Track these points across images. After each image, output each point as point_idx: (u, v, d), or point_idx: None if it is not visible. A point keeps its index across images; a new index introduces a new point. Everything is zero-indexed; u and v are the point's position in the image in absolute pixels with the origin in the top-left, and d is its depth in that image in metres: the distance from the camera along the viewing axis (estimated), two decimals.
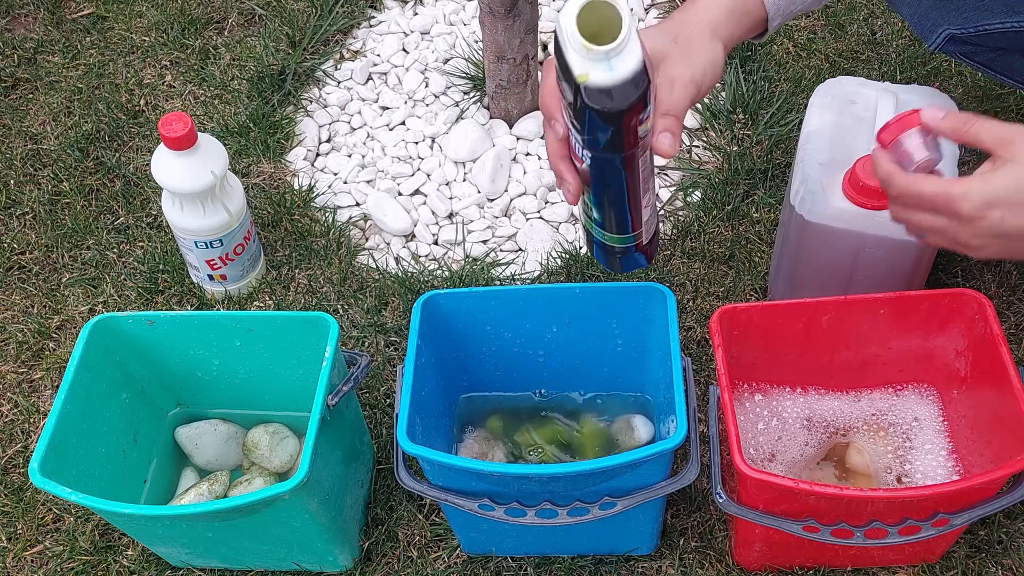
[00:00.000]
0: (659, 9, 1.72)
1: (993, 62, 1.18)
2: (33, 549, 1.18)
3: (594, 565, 1.13)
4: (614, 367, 1.19)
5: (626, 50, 0.75)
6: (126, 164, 1.55)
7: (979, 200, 0.86)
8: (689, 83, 0.89)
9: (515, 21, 1.42)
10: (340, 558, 1.12)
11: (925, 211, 0.90)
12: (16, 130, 1.61)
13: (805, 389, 1.19)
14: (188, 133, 1.22)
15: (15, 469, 1.24)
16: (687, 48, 0.91)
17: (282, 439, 1.18)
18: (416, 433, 1.02)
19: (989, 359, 1.03)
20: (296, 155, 1.56)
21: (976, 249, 0.89)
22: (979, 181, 0.86)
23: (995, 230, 0.86)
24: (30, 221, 1.49)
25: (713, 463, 1.01)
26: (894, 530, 0.98)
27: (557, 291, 1.14)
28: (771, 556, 1.10)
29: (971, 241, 0.88)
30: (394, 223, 1.46)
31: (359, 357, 1.10)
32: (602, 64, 0.75)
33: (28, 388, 1.32)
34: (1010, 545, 1.12)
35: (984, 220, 0.86)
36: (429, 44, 1.69)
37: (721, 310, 1.06)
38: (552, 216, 1.47)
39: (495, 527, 1.05)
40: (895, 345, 1.14)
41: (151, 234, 1.46)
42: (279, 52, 1.67)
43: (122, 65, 1.68)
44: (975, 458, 1.09)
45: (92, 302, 1.39)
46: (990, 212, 0.85)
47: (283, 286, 1.40)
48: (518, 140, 1.55)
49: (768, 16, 0.99)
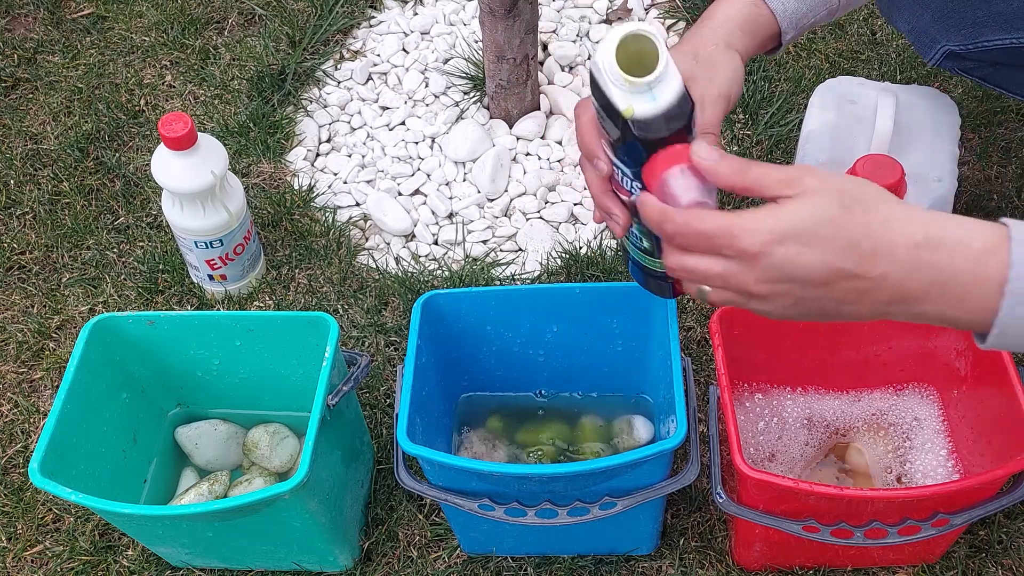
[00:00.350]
0: (659, 9, 1.72)
1: (992, 76, 1.17)
2: (33, 549, 1.18)
3: (594, 565, 1.13)
4: (614, 367, 1.19)
5: (666, 77, 0.77)
6: (126, 164, 1.55)
7: (767, 233, 0.72)
8: (718, 98, 0.90)
9: (515, 21, 1.42)
10: (340, 558, 1.12)
11: (704, 253, 0.75)
12: (16, 130, 1.61)
13: (805, 389, 1.19)
14: (188, 133, 1.22)
15: (15, 469, 1.24)
16: (710, 65, 0.92)
17: (282, 439, 1.18)
18: (416, 433, 1.02)
19: (989, 359, 1.03)
20: (296, 155, 1.56)
21: (764, 299, 0.75)
22: (767, 213, 0.73)
23: (784, 271, 0.73)
24: (30, 221, 1.49)
25: (713, 463, 1.01)
26: (894, 530, 0.98)
27: (557, 291, 1.14)
28: (771, 556, 1.10)
29: (757, 288, 0.74)
30: (394, 223, 1.46)
31: (359, 357, 1.10)
32: (645, 96, 0.76)
33: (28, 388, 1.32)
34: (1010, 545, 1.12)
35: (771, 257, 0.72)
36: (429, 44, 1.69)
37: (721, 310, 1.06)
38: (552, 216, 1.47)
39: (495, 527, 1.05)
40: (895, 345, 1.14)
41: (151, 234, 1.46)
42: (279, 52, 1.67)
43: (122, 65, 1.69)
44: (975, 458, 1.09)
45: (92, 302, 1.39)
46: (778, 248, 0.72)
47: (283, 286, 1.40)
48: (518, 140, 1.55)
49: (781, 30, 0.98)
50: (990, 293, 0.71)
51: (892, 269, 0.72)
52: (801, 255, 0.72)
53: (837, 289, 0.73)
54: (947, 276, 0.72)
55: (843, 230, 0.72)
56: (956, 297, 0.72)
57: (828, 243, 0.72)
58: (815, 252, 0.72)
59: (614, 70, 0.77)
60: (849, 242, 0.72)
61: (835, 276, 0.73)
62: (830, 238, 0.72)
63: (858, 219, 0.73)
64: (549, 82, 1.62)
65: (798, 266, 0.73)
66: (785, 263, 0.73)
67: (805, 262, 0.72)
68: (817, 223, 0.72)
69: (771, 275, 0.74)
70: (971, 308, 0.72)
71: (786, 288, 0.74)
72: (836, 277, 0.73)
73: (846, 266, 0.72)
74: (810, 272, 0.73)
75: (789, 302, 0.75)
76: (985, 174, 1.44)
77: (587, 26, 1.70)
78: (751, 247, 0.73)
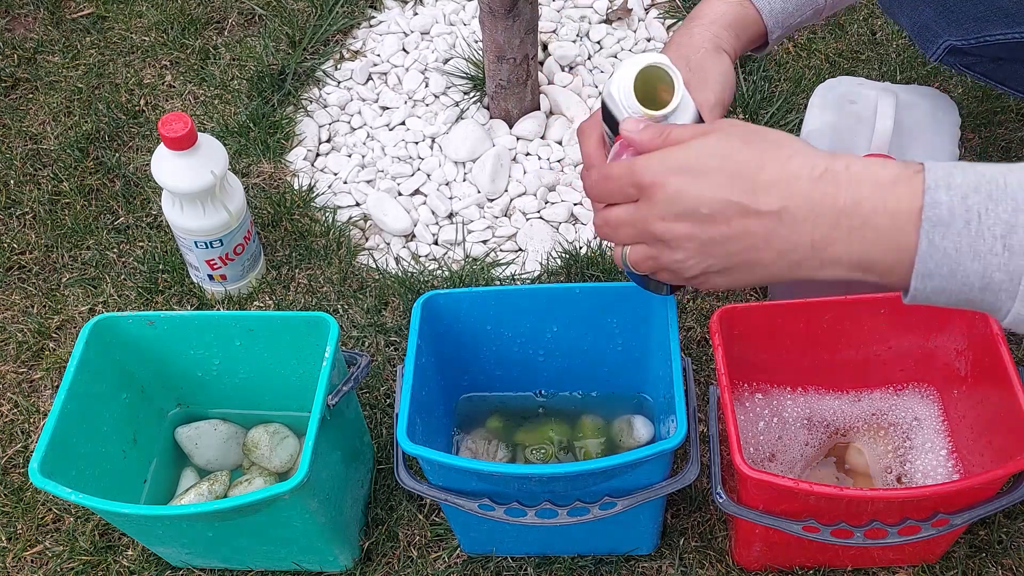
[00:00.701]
0: (659, 9, 1.72)
1: (994, 72, 1.17)
2: (33, 549, 1.18)
3: (594, 565, 1.13)
4: (614, 367, 1.19)
5: (682, 107, 0.77)
6: (126, 164, 1.55)
7: (660, 165, 0.72)
8: (716, 105, 0.91)
9: (515, 21, 1.42)
10: (340, 558, 1.12)
11: (614, 196, 0.76)
12: (16, 130, 1.61)
13: (805, 389, 1.19)
14: (188, 133, 1.22)
15: (15, 469, 1.24)
16: (701, 72, 0.92)
17: (282, 439, 1.18)
18: (416, 433, 1.02)
19: (989, 359, 1.03)
20: (296, 155, 1.56)
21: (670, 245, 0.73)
22: (668, 149, 0.74)
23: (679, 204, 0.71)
24: (30, 221, 1.49)
25: (713, 463, 1.01)
26: (894, 530, 0.98)
27: (557, 291, 1.14)
28: (771, 556, 1.10)
29: (660, 228, 0.73)
30: (394, 223, 1.46)
31: (359, 357, 1.10)
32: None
33: (28, 388, 1.32)
34: (1010, 545, 1.12)
35: (665, 187, 0.72)
36: (429, 44, 1.69)
37: (721, 310, 1.06)
38: (552, 216, 1.47)
39: (495, 527, 1.05)
40: (895, 345, 1.14)
41: (151, 234, 1.46)
42: (279, 52, 1.67)
43: (122, 65, 1.69)
44: (975, 458, 1.09)
45: (92, 302, 1.39)
46: (672, 178, 0.72)
47: (283, 286, 1.40)
48: (518, 140, 1.55)
49: (767, 29, 0.99)
50: (905, 223, 0.65)
51: (791, 203, 0.68)
52: (692, 185, 0.71)
53: (737, 228, 0.70)
54: (853, 208, 0.67)
55: (738, 162, 0.70)
56: (868, 232, 0.67)
57: (720, 173, 0.70)
58: (706, 182, 0.71)
59: (632, 103, 0.79)
60: (743, 173, 0.70)
61: (730, 210, 0.70)
62: (723, 169, 0.70)
63: (757, 153, 0.70)
64: (549, 82, 1.62)
65: (690, 197, 0.71)
66: (678, 194, 0.71)
67: (697, 193, 0.71)
68: (712, 155, 0.71)
69: (668, 210, 0.72)
70: (886, 245, 0.66)
71: (686, 228, 0.72)
72: (732, 212, 0.70)
73: (740, 199, 0.69)
74: (703, 203, 0.70)
75: (694, 247, 0.73)
76: None
77: (587, 26, 1.70)
78: (644, 177, 0.73)
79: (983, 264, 0.64)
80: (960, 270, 0.65)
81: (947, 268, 0.65)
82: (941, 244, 0.64)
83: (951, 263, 0.65)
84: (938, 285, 0.66)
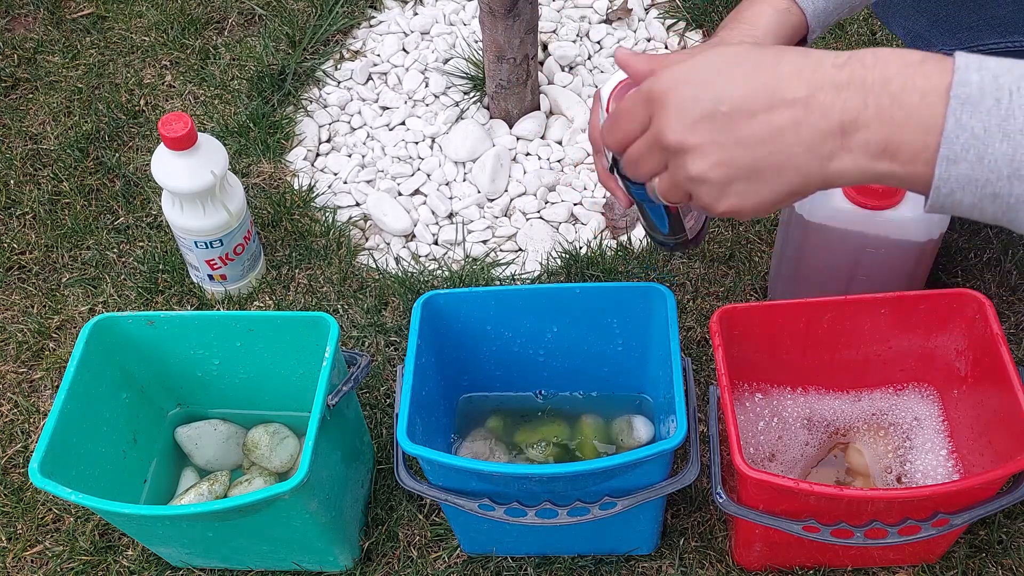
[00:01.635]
0: (659, 9, 1.72)
1: None
2: (33, 549, 1.18)
3: (594, 565, 1.13)
4: (614, 367, 1.19)
5: None
6: (126, 164, 1.55)
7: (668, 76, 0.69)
8: None
9: (515, 21, 1.42)
10: (340, 558, 1.12)
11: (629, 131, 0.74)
12: (16, 130, 1.61)
13: (805, 389, 1.19)
14: (188, 133, 1.22)
15: (15, 469, 1.24)
16: None
17: (282, 439, 1.18)
18: (416, 433, 1.02)
19: (989, 359, 1.03)
20: (296, 155, 1.56)
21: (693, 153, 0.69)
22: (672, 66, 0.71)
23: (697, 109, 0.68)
24: (30, 221, 1.49)
25: (713, 463, 1.01)
26: (894, 530, 0.98)
27: (557, 291, 1.14)
28: (771, 556, 1.10)
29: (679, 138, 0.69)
30: (394, 223, 1.46)
31: (359, 357, 1.10)
32: None
33: (28, 388, 1.32)
34: (1010, 545, 1.12)
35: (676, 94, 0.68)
36: (429, 44, 1.69)
37: (721, 310, 1.06)
38: (552, 216, 1.47)
39: (495, 527, 1.05)
40: (895, 345, 1.14)
41: (151, 234, 1.46)
42: (279, 52, 1.67)
43: (122, 65, 1.69)
44: (975, 458, 1.09)
45: (92, 302, 1.39)
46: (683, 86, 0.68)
47: (283, 286, 1.40)
48: (518, 140, 1.55)
49: (809, 30, 0.97)
50: (933, 102, 0.61)
51: (817, 89, 0.65)
52: (708, 86, 0.67)
53: (763, 122, 0.66)
54: (881, 86, 0.63)
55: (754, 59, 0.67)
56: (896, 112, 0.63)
57: (737, 69, 0.67)
58: (723, 80, 0.67)
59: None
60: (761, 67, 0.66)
61: (753, 103, 0.66)
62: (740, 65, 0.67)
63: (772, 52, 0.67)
64: (549, 82, 1.62)
65: (708, 97, 0.67)
66: (693, 97, 0.67)
67: (714, 92, 0.67)
68: (724, 59, 0.68)
69: (684, 117, 0.68)
70: (914, 126, 0.63)
71: (705, 132, 0.68)
72: (755, 105, 0.66)
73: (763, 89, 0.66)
74: (722, 100, 0.67)
75: (716, 152, 0.68)
76: None
77: (587, 26, 1.70)
78: (653, 90, 0.69)
79: (1012, 146, 0.60)
80: (988, 153, 0.61)
81: (974, 152, 0.61)
82: (968, 123, 0.61)
83: (979, 145, 0.61)
84: (964, 172, 0.62)
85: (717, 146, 0.68)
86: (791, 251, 1.22)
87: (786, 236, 1.22)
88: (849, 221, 1.13)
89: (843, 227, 1.14)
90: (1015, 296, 1.31)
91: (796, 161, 0.66)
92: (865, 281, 1.19)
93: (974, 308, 1.06)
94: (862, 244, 1.15)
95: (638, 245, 1.41)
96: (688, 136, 0.68)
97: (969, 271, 1.34)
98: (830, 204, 1.13)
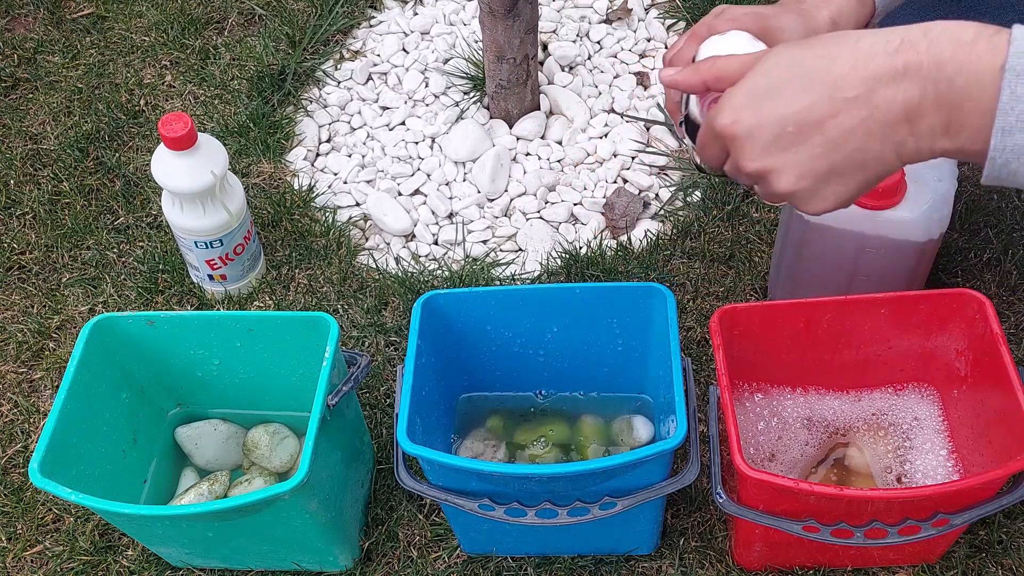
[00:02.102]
0: (659, 9, 1.72)
1: None
2: (33, 549, 1.18)
3: (594, 565, 1.13)
4: (614, 367, 1.19)
5: None
6: (126, 164, 1.55)
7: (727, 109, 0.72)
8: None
9: (515, 21, 1.42)
10: (340, 558, 1.12)
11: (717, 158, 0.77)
12: (16, 130, 1.61)
13: (805, 389, 1.19)
14: (188, 133, 1.22)
15: (15, 469, 1.24)
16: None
17: (282, 439, 1.18)
18: (416, 433, 1.02)
19: (989, 359, 1.03)
20: (296, 155, 1.56)
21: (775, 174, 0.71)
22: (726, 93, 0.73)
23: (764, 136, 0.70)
24: (30, 221, 1.49)
25: (713, 463, 1.01)
26: (894, 530, 0.98)
27: (557, 291, 1.14)
28: (771, 556, 1.10)
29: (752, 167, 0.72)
30: (394, 223, 1.46)
31: (359, 357, 1.10)
32: None
33: (28, 388, 1.32)
34: (1010, 545, 1.12)
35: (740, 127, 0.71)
36: (429, 44, 1.69)
37: (721, 310, 1.06)
38: (552, 216, 1.47)
39: (495, 527, 1.05)
40: (895, 345, 1.14)
41: (151, 234, 1.46)
42: (279, 52, 1.67)
43: (122, 65, 1.69)
44: (975, 458, 1.09)
45: (92, 302, 1.39)
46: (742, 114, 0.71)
47: (283, 286, 1.40)
48: (518, 140, 1.55)
49: (875, 13, 0.95)
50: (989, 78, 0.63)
51: (875, 82, 0.66)
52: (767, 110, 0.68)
53: (831, 130, 0.68)
54: (937, 71, 0.64)
55: (805, 66, 0.68)
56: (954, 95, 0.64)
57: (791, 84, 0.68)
58: (780, 99, 0.68)
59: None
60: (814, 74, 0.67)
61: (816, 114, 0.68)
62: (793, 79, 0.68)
63: (821, 50, 0.68)
64: (549, 82, 1.62)
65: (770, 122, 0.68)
66: (756, 126, 0.69)
67: (775, 115, 0.68)
68: (775, 71, 0.69)
69: (754, 147, 0.70)
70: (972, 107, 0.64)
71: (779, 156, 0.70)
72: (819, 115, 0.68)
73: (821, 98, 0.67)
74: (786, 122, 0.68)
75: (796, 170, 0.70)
76: None
77: (587, 26, 1.70)
78: (717, 128, 0.72)
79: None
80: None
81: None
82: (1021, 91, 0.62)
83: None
84: (1019, 143, 0.63)
85: (795, 163, 0.70)
86: (791, 251, 1.22)
87: (786, 236, 1.22)
88: (849, 221, 1.13)
89: (843, 227, 1.14)
90: (1015, 296, 1.31)
91: (872, 154, 0.68)
92: (865, 281, 1.19)
93: (974, 308, 1.06)
94: (862, 244, 1.15)
95: (638, 245, 1.41)
96: (764, 163, 0.71)
97: (969, 271, 1.34)
98: None
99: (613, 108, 1.59)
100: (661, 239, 1.41)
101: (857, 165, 0.69)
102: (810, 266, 1.21)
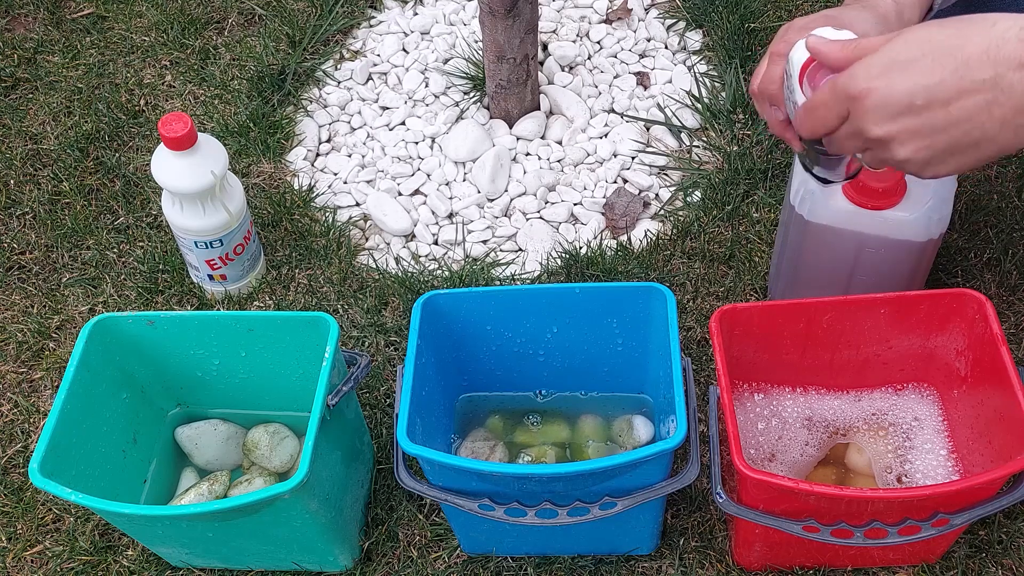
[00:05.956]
0: (659, 9, 1.72)
1: None
2: (33, 549, 1.18)
3: (594, 565, 1.13)
4: (614, 367, 1.19)
5: None
6: (126, 164, 1.55)
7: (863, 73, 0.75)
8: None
9: (515, 21, 1.42)
10: (340, 558, 1.12)
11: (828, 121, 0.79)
12: (16, 130, 1.61)
13: (805, 389, 1.19)
14: (188, 133, 1.22)
15: (15, 469, 1.24)
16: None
17: (282, 439, 1.18)
18: (416, 433, 1.02)
19: (989, 359, 1.03)
20: (296, 155, 1.56)
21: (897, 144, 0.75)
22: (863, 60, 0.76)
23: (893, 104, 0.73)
24: (30, 221, 1.49)
25: (713, 463, 1.01)
26: (894, 530, 0.98)
27: (557, 291, 1.14)
28: (771, 556, 1.10)
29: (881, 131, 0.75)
30: (394, 223, 1.46)
31: (359, 357, 1.10)
32: None
33: (28, 388, 1.32)
34: (1010, 545, 1.12)
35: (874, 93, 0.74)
36: (429, 44, 1.69)
37: (721, 310, 1.06)
38: (552, 216, 1.47)
39: (495, 527, 1.05)
40: (895, 345, 1.14)
41: (151, 234, 1.46)
42: (279, 52, 1.67)
43: (122, 65, 1.68)
44: (975, 458, 1.09)
45: (92, 302, 1.39)
46: (877, 81, 0.74)
47: (283, 286, 1.40)
48: (518, 140, 1.55)
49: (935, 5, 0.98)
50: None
51: (1004, 67, 0.69)
52: (900, 81, 0.72)
53: (956, 109, 0.71)
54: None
55: (939, 44, 0.71)
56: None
57: (924, 59, 0.71)
58: (913, 72, 0.72)
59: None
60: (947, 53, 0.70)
61: (944, 92, 0.71)
62: (927, 55, 0.71)
63: (956, 30, 0.71)
64: (549, 82, 1.62)
65: (902, 92, 0.72)
66: (888, 94, 0.73)
67: (907, 87, 0.72)
68: (911, 46, 0.72)
69: (883, 112, 0.74)
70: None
71: (905, 125, 0.73)
72: (946, 94, 0.71)
73: (951, 78, 0.70)
74: (915, 95, 0.72)
75: (917, 141, 0.74)
76: (985, 174, 1.44)
77: (587, 26, 1.70)
78: (851, 88, 0.75)
79: None
80: None
81: None
82: None
83: None
84: None
85: (917, 134, 0.74)
86: (791, 251, 1.22)
87: (786, 236, 1.22)
88: (849, 221, 1.13)
89: (843, 227, 1.14)
90: (1015, 296, 1.31)
91: (991, 135, 0.72)
92: (865, 281, 1.19)
93: (974, 308, 1.06)
94: (862, 244, 1.15)
95: (638, 245, 1.41)
96: (889, 129, 0.74)
97: (969, 271, 1.34)
98: (830, 204, 1.13)
99: (613, 108, 1.59)
100: (661, 239, 1.41)
101: (974, 143, 0.73)
102: (810, 266, 1.21)
